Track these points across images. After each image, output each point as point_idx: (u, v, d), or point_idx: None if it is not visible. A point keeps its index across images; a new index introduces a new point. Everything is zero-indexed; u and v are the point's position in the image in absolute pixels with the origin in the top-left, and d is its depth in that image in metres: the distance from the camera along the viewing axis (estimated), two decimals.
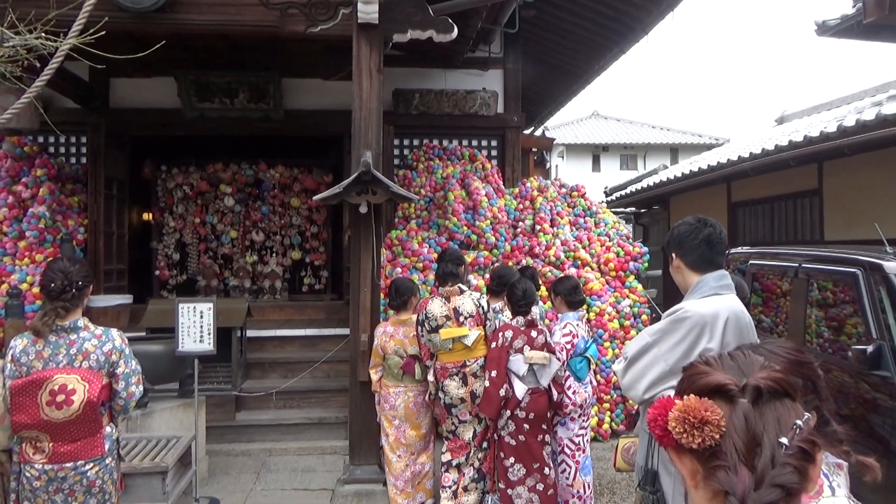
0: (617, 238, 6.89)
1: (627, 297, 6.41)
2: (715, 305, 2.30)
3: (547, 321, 5.61)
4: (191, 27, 4.88)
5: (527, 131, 10.02)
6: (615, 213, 9.70)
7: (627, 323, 6.26)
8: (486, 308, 4.25)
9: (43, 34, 2.90)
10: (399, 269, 6.09)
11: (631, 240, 7.04)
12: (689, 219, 2.50)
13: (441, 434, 4.39)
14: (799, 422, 0.91)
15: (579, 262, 6.49)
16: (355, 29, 4.81)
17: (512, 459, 3.90)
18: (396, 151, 7.83)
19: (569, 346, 4.09)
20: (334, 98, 7.39)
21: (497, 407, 3.89)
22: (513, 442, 3.91)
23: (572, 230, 6.90)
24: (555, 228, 6.77)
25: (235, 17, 4.82)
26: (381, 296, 5.14)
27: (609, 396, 6.04)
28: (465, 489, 4.14)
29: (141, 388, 2.90)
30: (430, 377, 4.20)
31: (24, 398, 2.59)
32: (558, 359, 3.98)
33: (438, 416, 4.36)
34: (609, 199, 13.68)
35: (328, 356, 6.33)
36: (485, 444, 4.21)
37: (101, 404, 2.72)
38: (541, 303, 4.54)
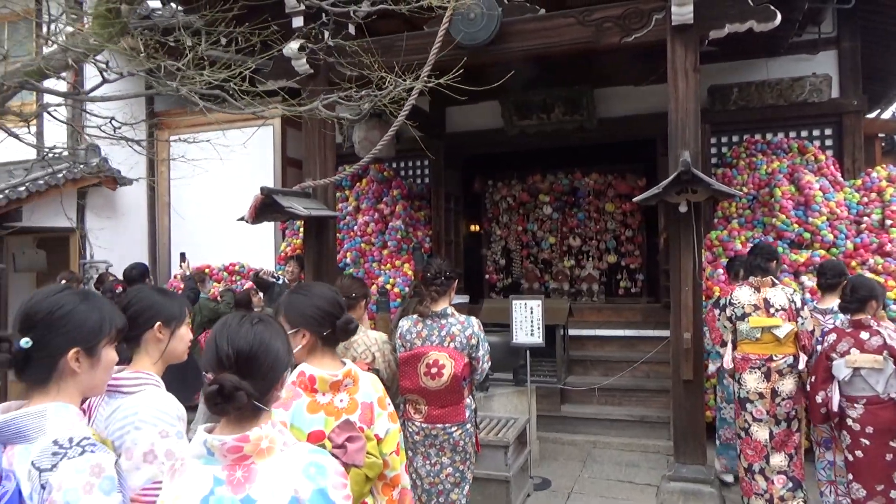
0: None
1: None
2: None
3: None
4: (516, 53, 5.44)
5: (870, 115, 8.79)
6: None
7: None
8: (799, 304, 3.99)
9: (425, 77, 3.66)
10: (720, 270, 5.92)
11: None
12: None
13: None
14: None
15: None
16: (669, 32, 4.85)
17: (850, 476, 3.62)
18: (713, 150, 7.57)
19: None
20: (644, 102, 7.46)
21: (817, 414, 3.71)
22: (850, 457, 3.63)
23: None
24: None
25: (554, 39, 5.22)
26: (703, 297, 5.08)
27: None
28: (782, 499, 3.92)
29: (490, 363, 3.46)
30: (729, 363, 4.10)
31: (408, 368, 3.29)
32: None
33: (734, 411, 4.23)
34: None
35: (647, 356, 6.42)
36: (792, 451, 3.95)
37: (463, 379, 3.29)
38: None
